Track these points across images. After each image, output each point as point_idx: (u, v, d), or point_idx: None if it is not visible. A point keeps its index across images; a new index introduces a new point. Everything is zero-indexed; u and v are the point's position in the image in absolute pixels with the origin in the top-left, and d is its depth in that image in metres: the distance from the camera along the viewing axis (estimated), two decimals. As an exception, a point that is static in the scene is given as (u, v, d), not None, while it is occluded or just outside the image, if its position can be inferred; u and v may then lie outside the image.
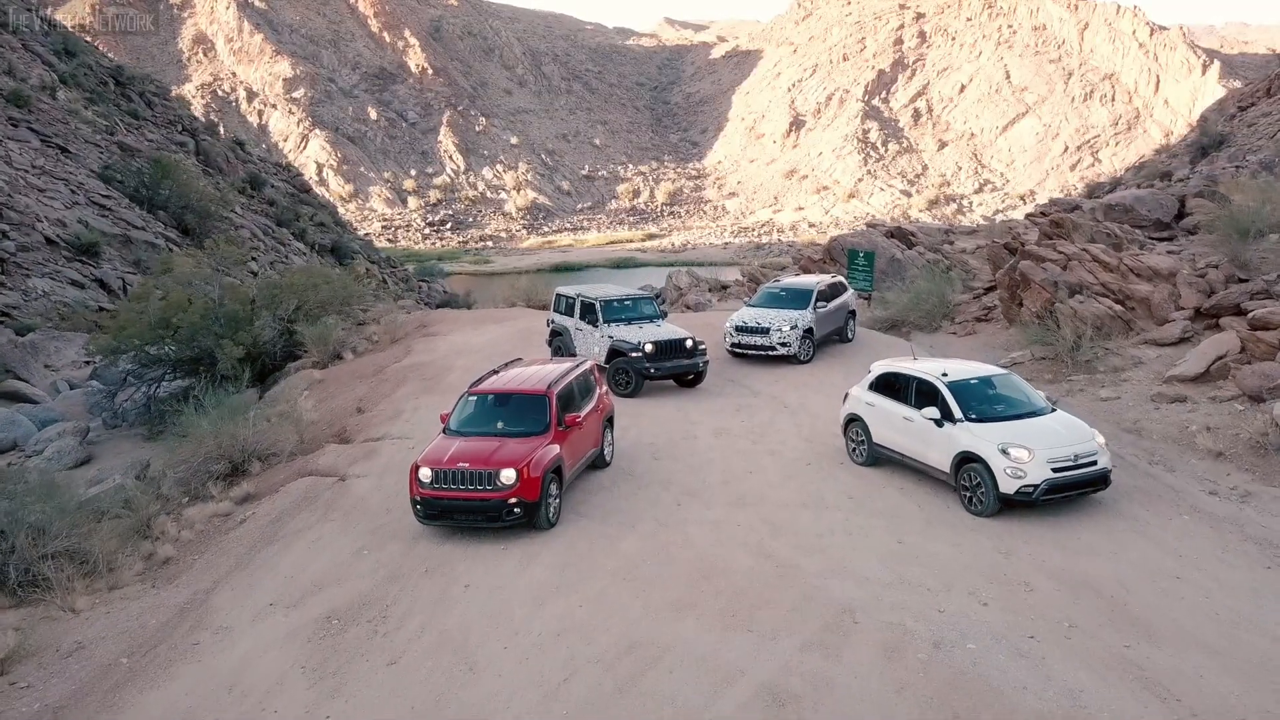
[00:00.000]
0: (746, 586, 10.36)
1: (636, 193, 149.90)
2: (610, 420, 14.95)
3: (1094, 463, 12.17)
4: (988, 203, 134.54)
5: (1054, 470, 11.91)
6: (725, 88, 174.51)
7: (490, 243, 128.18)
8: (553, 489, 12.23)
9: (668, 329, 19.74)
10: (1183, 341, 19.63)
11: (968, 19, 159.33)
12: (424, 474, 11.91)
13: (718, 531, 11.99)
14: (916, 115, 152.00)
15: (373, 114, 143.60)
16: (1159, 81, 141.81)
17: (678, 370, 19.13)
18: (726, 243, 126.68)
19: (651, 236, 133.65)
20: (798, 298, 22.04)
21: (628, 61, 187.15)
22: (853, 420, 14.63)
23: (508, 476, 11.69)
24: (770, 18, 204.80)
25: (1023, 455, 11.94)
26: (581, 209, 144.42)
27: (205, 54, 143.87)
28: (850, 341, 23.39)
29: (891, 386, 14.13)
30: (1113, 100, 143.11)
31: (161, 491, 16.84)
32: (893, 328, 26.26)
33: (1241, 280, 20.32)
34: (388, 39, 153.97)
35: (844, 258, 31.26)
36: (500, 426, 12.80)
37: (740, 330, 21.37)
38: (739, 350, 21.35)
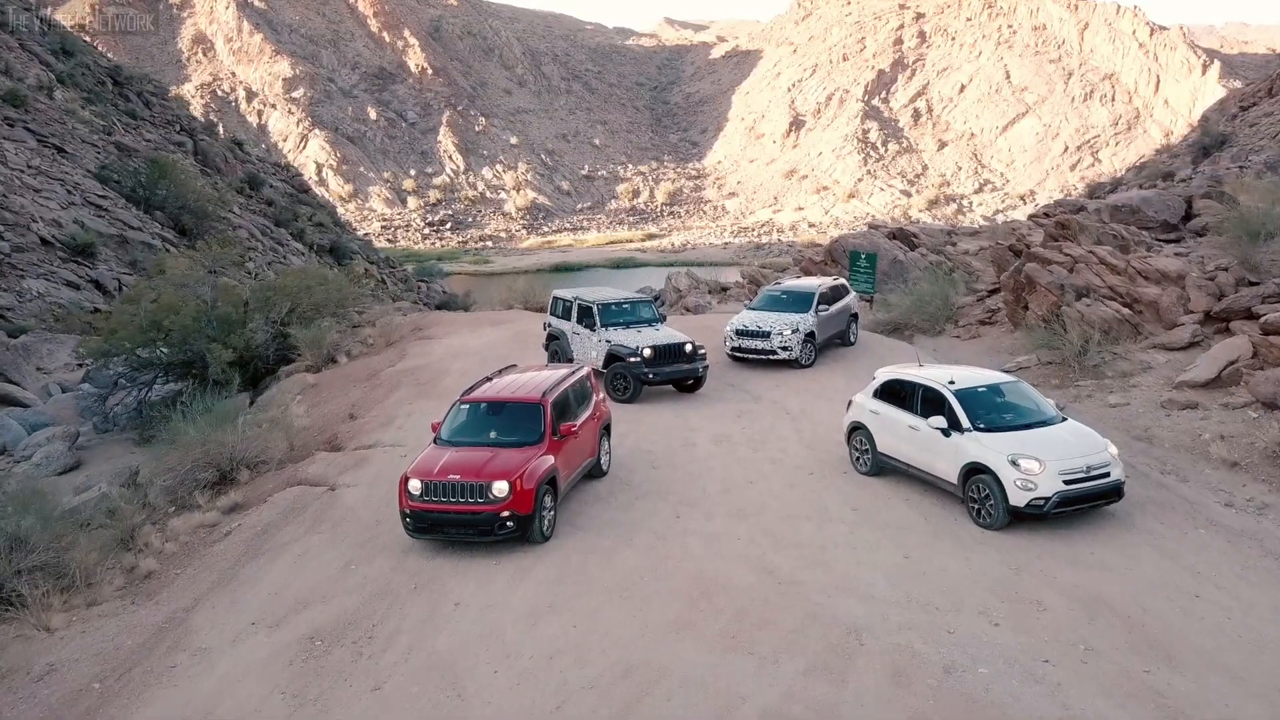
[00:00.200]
0: (747, 604, 9.96)
1: (636, 193, 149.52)
2: (607, 428, 14.54)
3: (1107, 474, 11.75)
4: (988, 203, 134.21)
5: (1066, 482, 11.49)
6: (725, 88, 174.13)
7: (490, 243, 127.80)
8: (547, 501, 11.82)
9: (666, 333, 19.33)
10: (1192, 346, 19.22)
11: (968, 19, 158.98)
12: (413, 486, 11.50)
13: (717, 544, 11.58)
14: (916, 115, 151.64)
15: (372, 114, 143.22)
16: (1159, 81, 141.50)
17: (677, 375, 18.72)
18: (726, 243, 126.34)
19: (651, 236, 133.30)
20: (799, 301, 21.63)
21: (628, 61, 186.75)
22: (856, 428, 14.21)
23: (500, 489, 11.27)
24: (770, 18, 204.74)
25: (1033, 467, 11.53)
26: (581, 209, 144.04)
27: (205, 54, 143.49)
28: (852, 345, 22.99)
29: (896, 394, 13.71)
30: (1113, 100, 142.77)
31: (148, 500, 16.47)
32: (895, 331, 25.86)
33: (1252, 283, 19.89)
34: (387, 39, 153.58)
35: (845, 259, 30.87)
36: (493, 436, 12.38)
37: (741, 334, 20.97)
38: (739, 354, 20.96)
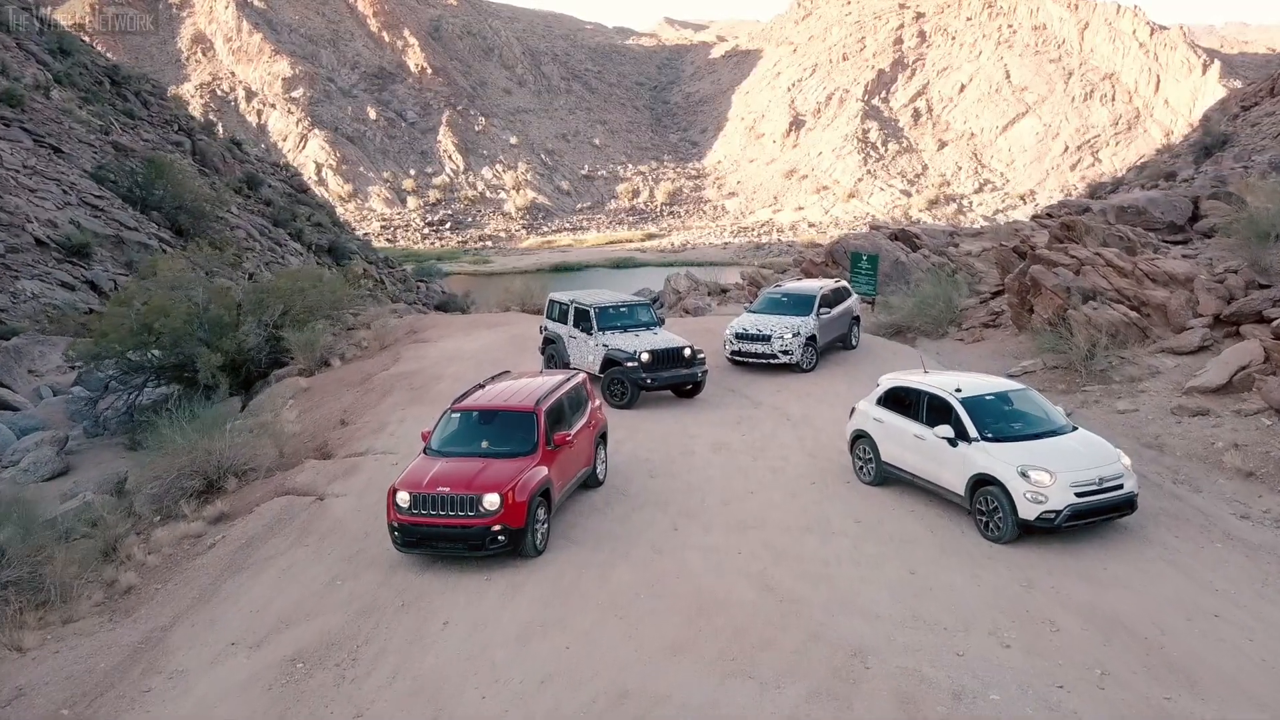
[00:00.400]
0: (747, 624, 9.56)
1: (636, 192, 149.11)
2: (603, 436, 14.15)
3: (1119, 486, 11.36)
4: (988, 203, 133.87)
5: (1077, 495, 11.09)
6: (725, 87, 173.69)
7: (489, 243, 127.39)
8: (540, 514, 11.43)
9: (665, 337, 18.95)
10: (1202, 350, 18.82)
11: (968, 19, 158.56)
12: (401, 498, 11.10)
13: (717, 559, 11.19)
14: (916, 115, 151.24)
15: (372, 114, 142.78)
16: (1159, 81, 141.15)
17: (675, 380, 18.34)
18: (726, 243, 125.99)
19: (651, 236, 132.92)
20: (800, 303, 21.24)
21: (627, 61, 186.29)
22: (860, 437, 13.82)
23: (491, 502, 10.88)
24: (770, 17, 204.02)
25: (1043, 479, 11.13)
26: (581, 209, 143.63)
27: (204, 53, 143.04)
28: (854, 349, 22.62)
29: (901, 401, 13.31)
30: (1113, 100, 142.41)
31: (133, 509, 16.08)
32: (898, 334, 25.46)
33: (1263, 286, 19.48)
34: (387, 38, 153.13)
35: (847, 261, 30.48)
36: (485, 446, 11.98)
37: (741, 337, 20.59)
38: (739, 358, 20.59)
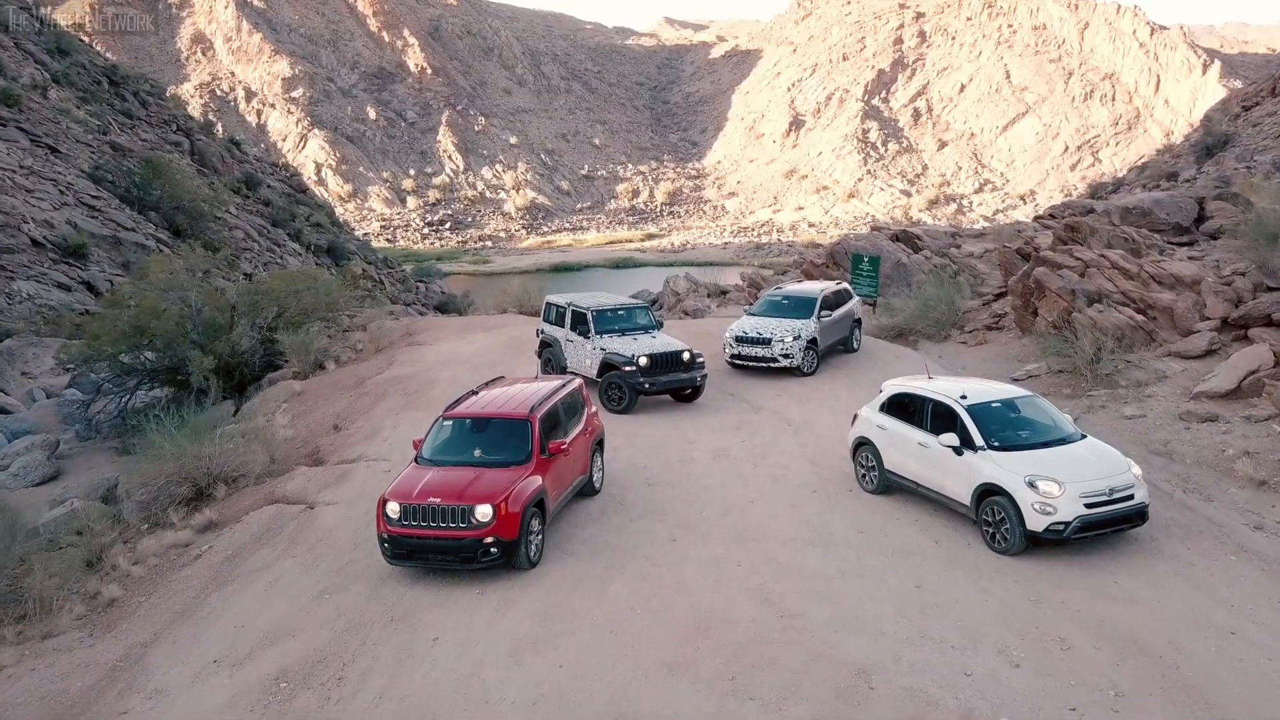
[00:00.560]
0: (748, 642, 9.24)
1: (636, 192, 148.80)
2: (600, 443, 13.82)
3: (1130, 496, 11.02)
4: (988, 203, 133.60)
5: (1087, 506, 10.75)
6: (725, 87, 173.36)
7: (489, 243, 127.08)
8: (534, 525, 11.10)
9: (664, 340, 18.62)
10: (1210, 354, 18.52)
11: (968, 19, 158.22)
12: (391, 509, 10.77)
13: (716, 572, 10.86)
14: (916, 115, 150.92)
15: (372, 114, 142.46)
16: (1159, 81, 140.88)
17: (674, 385, 18.00)
18: (726, 243, 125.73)
19: (651, 236, 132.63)
20: (801, 306, 20.91)
21: (627, 61, 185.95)
22: (862, 444, 13.48)
23: (484, 513, 10.55)
24: (770, 17, 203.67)
25: (1052, 489, 10.80)
26: (581, 209, 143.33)
27: (204, 53, 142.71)
28: (856, 352, 22.29)
29: (905, 408, 12.97)
30: (1113, 100, 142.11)
31: (121, 517, 15.78)
32: (899, 336, 25.13)
33: (1271, 289, 19.18)
34: (387, 38, 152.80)
35: (848, 262, 30.15)
36: (477, 455, 11.65)
37: (740, 341, 20.27)
38: (739, 362, 20.27)
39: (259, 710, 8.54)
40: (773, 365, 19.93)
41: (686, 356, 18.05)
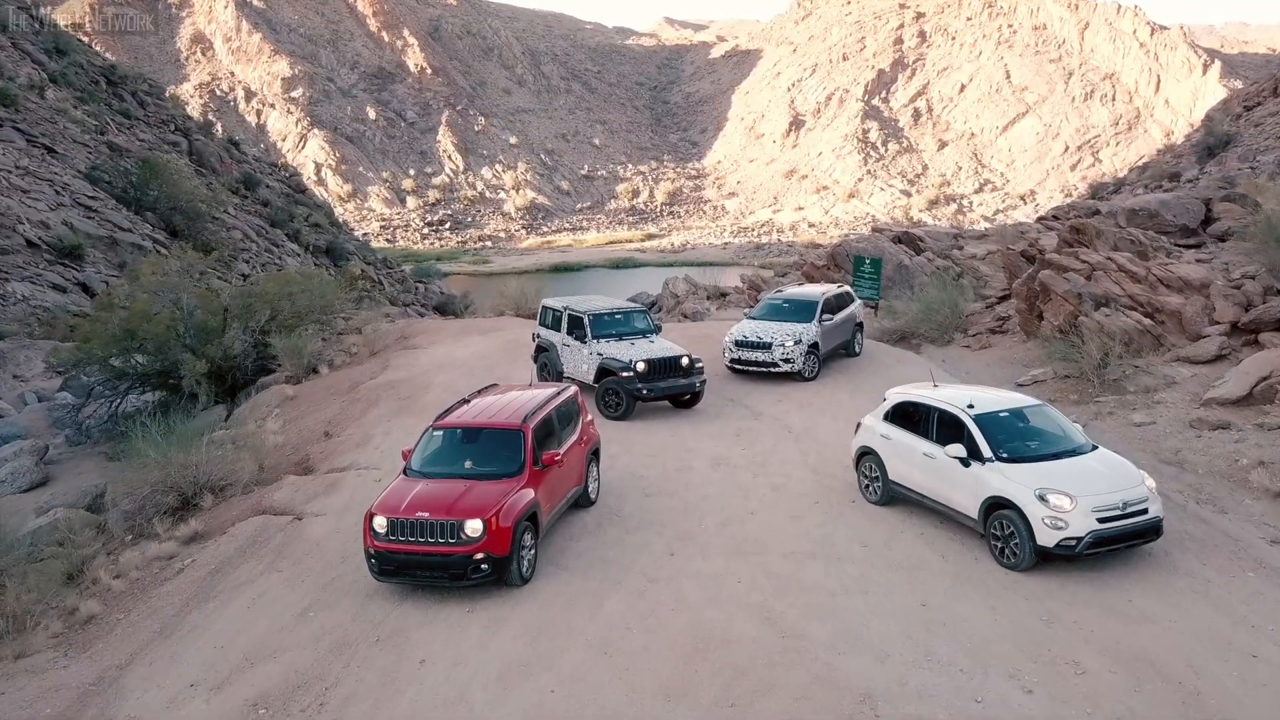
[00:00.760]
0: (748, 664, 8.86)
1: (636, 192, 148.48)
2: (596, 453, 13.43)
3: (1144, 510, 10.62)
4: (988, 203, 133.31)
5: (1100, 520, 10.35)
6: (725, 87, 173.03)
7: (489, 243, 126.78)
8: (527, 539, 10.71)
9: (662, 345, 18.23)
10: (1219, 359, 18.15)
11: (968, 18, 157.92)
12: (378, 523, 10.38)
13: (715, 588, 10.48)
14: (916, 115, 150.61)
15: (371, 114, 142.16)
16: (1159, 81, 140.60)
17: (673, 391, 17.62)
18: (726, 243, 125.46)
19: (651, 236, 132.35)
20: (802, 309, 20.54)
21: (627, 61, 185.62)
22: (865, 453, 13.10)
23: (474, 528, 10.16)
24: (770, 17, 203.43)
25: (1063, 503, 10.40)
26: (581, 209, 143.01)
27: (203, 53, 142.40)
28: (857, 356, 21.92)
29: (909, 417, 12.58)
30: (1113, 100, 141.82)
31: (105, 526, 15.40)
32: (902, 340, 24.73)
33: (1282, 292, 18.84)
34: (386, 38, 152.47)
35: (849, 264, 29.77)
36: (468, 466, 11.26)
37: (740, 345, 19.90)
38: (739, 366, 19.90)
39: (235, 738, 8.18)
40: (773, 370, 19.57)
41: (685, 362, 17.69)
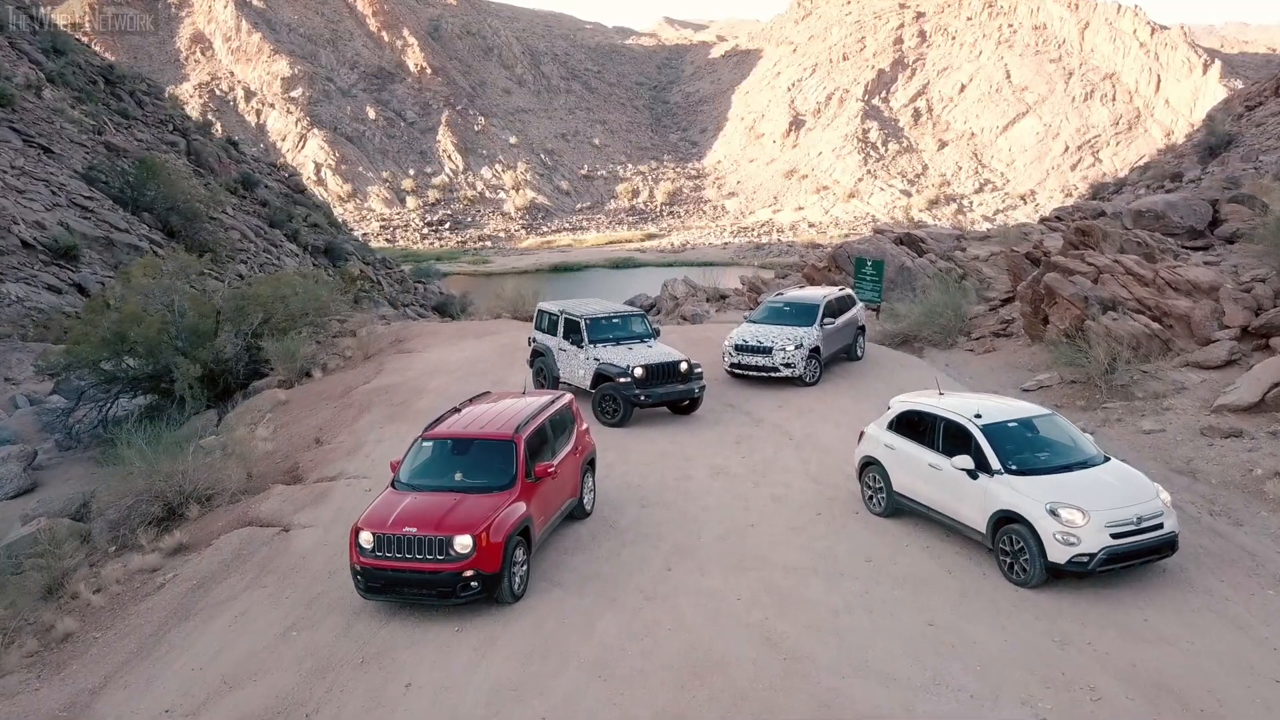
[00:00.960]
0: (748, 688, 8.48)
1: (636, 192, 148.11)
2: (591, 463, 13.06)
3: (1159, 525, 10.24)
4: (988, 203, 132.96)
5: (1113, 536, 9.97)
6: (725, 87, 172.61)
7: (489, 243, 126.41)
8: (519, 555, 10.33)
9: (660, 350, 17.86)
10: (1230, 364, 17.73)
11: (968, 18, 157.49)
12: (364, 539, 10.00)
13: (714, 606, 10.11)
14: (916, 115, 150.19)
15: (371, 113, 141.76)
16: (1160, 81, 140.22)
17: (671, 397, 17.25)
18: (726, 243, 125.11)
19: (651, 236, 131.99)
20: (803, 313, 20.19)
21: (627, 61, 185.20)
22: (869, 464, 12.72)
23: (463, 544, 9.78)
24: (770, 17, 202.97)
25: (1075, 518, 10.02)
26: (581, 209, 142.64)
27: (203, 53, 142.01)
28: (859, 360, 21.56)
29: (915, 426, 12.20)
30: (1113, 100, 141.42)
31: (89, 537, 15.02)
32: (904, 343, 24.34)
33: (1293, 296, 18.44)
34: (386, 38, 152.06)
35: (850, 266, 29.39)
36: (458, 479, 10.87)
37: (740, 349, 19.55)
38: (739, 371, 19.56)
39: (210, 770, 7.81)
40: (774, 375, 19.25)
41: (684, 367, 17.34)
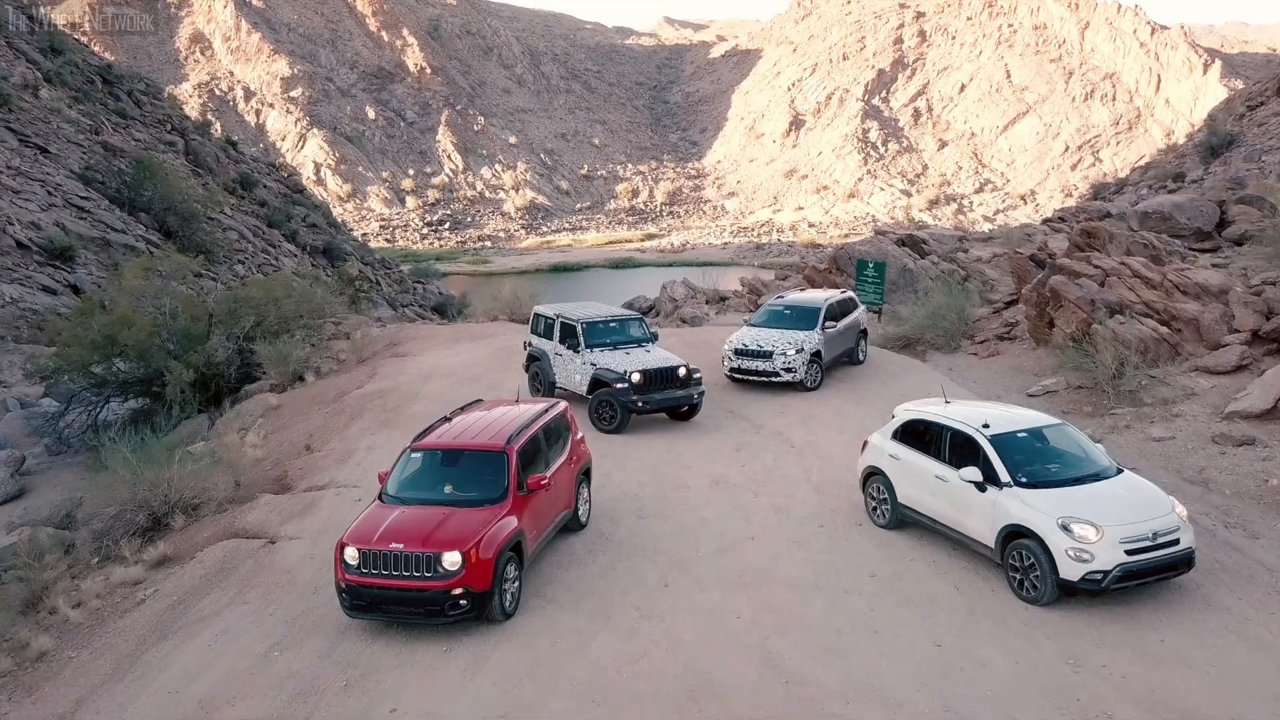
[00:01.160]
0: (748, 716, 8.11)
1: (635, 192, 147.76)
2: (587, 472, 12.67)
3: (1176, 541, 9.85)
4: (988, 202, 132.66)
5: (1128, 552, 9.59)
6: (725, 87, 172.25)
7: (489, 243, 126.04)
8: (510, 571, 9.95)
9: (658, 355, 17.48)
10: (1240, 369, 17.35)
11: (968, 18, 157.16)
12: (350, 555, 9.61)
13: (712, 625, 9.73)
14: (916, 115, 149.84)
15: (371, 113, 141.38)
16: (1160, 81, 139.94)
17: (669, 403, 16.88)
18: (726, 243, 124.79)
19: (651, 236, 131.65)
20: (804, 316, 19.81)
21: (627, 61, 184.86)
22: (873, 474, 12.34)
23: (452, 561, 9.40)
24: (770, 17, 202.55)
25: (1088, 533, 9.64)
26: (580, 209, 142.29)
27: (203, 53, 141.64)
28: (861, 364, 21.18)
29: (920, 436, 11.81)
30: (1114, 100, 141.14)
31: (73, 547, 14.65)
32: (907, 346, 23.95)
33: (1304, 300, 18.06)
34: (386, 38, 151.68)
35: (851, 268, 29.01)
36: (448, 492, 10.49)
37: (740, 353, 19.19)
38: (739, 376, 19.20)
39: (181, 804, 7.43)
40: (774, 380, 18.88)
41: (683, 372, 16.97)
